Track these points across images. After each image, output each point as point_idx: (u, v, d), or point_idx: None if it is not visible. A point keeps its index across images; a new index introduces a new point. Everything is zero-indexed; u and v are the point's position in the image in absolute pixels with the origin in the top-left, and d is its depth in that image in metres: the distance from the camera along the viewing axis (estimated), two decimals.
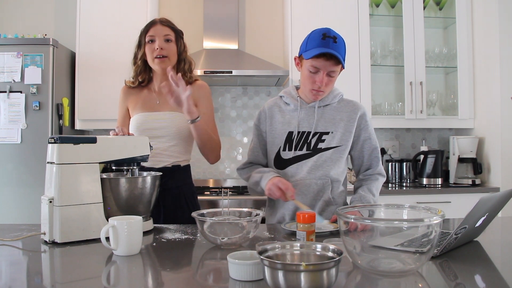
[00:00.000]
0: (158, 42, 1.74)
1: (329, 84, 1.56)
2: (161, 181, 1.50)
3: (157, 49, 1.73)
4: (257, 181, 1.62)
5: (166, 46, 1.75)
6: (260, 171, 1.65)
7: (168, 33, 1.77)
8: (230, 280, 0.93)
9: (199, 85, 1.83)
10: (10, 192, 2.69)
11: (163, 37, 1.75)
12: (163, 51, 1.74)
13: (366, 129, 1.66)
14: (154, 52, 1.74)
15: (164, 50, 1.74)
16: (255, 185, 1.64)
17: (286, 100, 1.69)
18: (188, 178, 1.87)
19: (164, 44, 1.75)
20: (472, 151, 3.08)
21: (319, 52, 1.48)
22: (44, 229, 1.29)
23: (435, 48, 3.30)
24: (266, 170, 1.64)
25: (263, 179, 1.58)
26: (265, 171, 1.62)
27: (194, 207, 1.81)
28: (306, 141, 1.63)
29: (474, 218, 1.13)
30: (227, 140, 3.44)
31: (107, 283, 0.98)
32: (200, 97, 1.81)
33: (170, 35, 1.77)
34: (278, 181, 1.51)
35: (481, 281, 0.98)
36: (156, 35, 1.75)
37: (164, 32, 1.76)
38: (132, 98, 1.85)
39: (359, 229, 1.04)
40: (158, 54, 1.74)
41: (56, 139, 1.30)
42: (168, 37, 1.76)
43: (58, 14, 3.40)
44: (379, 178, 1.67)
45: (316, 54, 1.48)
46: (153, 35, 1.75)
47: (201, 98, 1.81)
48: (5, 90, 2.68)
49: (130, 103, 1.85)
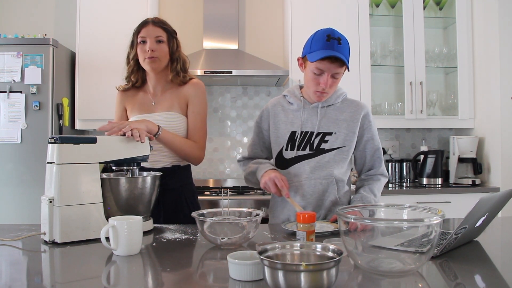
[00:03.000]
0: (149, 43, 1.73)
1: (333, 85, 1.56)
2: (161, 181, 1.50)
3: (148, 50, 1.73)
4: (253, 171, 1.62)
5: (157, 47, 1.74)
6: (257, 161, 1.66)
7: (159, 34, 1.76)
8: (230, 280, 0.93)
9: (193, 83, 1.82)
10: (10, 192, 2.69)
11: (155, 38, 1.74)
12: (154, 52, 1.73)
13: (369, 129, 1.66)
14: (145, 53, 1.74)
15: (155, 51, 1.73)
16: (251, 175, 1.65)
17: (290, 99, 1.69)
18: (189, 178, 1.86)
19: (155, 45, 1.74)
20: (472, 151, 3.08)
21: (324, 56, 1.47)
22: (44, 229, 1.29)
23: (435, 48, 3.30)
24: (263, 161, 1.64)
25: (259, 170, 1.58)
26: (261, 162, 1.63)
27: (194, 207, 1.81)
28: (309, 141, 1.62)
29: (474, 218, 1.13)
30: (227, 140, 3.44)
31: (107, 283, 0.98)
32: (193, 96, 1.79)
33: (162, 36, 1.76)
34: (275, 177, 1.50)
35: (481, 281, 0.98)
36: (148, 36, 1.74)
37: (156, 33, 1.75)
38: (129, 101, 1.85)
39: (359, 229, 1.04)
40: (149, 55, 1.73)
41: (56, 139, 1.30)
42: (159, 38, 1.75)
43: (58, 14, 3.40)
44: (381, 179, 1.67)
45: (321, 57, 1.48)
46: (144, 36, 1.75)
47: (193, 96, 1.79)
48: (5, 90, 2.68)
49: (127, 105, 1.86)
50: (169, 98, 1.79)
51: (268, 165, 1.58)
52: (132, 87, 1.85)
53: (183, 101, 1.79)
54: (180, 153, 1.74)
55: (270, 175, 1.51)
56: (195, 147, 1.76)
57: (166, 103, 1.79)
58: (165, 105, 1.79)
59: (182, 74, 1.80)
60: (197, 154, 1.77)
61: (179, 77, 1.78)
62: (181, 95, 1.79)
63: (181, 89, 1.80)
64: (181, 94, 1.79)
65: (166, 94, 1.81)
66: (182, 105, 1.79)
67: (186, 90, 1.80)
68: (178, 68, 1.80)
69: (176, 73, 1.79)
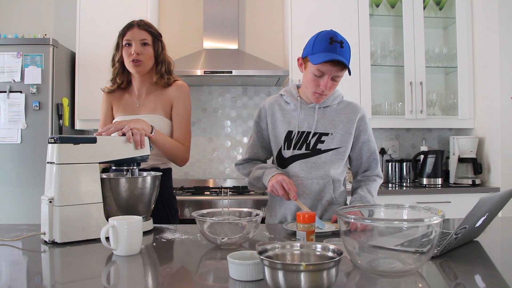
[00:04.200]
0: (134, 46, 1.74)
1: (332, 88, 1.57)
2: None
3: (133, 53, 1.73)
4: (259, 176, 1.62)
5: (142, 51, 1.74)
6: (262, 166, 1.66)
7: (144, 37, 1.75)
8: (230, 280, 0.93)
9: (177, 85, 1.82)
10: (10, 192, 2.69)
11: (140, 41, 1.74)
12: (139, 55, 1.73)
13: (365, 131, 1.67)
14: (130, 56, 1.74)
15: (140, 54, 1.74)
16: (256, 181, 1.65)
17: (286, 99, 1.70)
18: (168, 181, 1.85)
19: (140, 49, 1.74)
20: (472, 151, 3.08)
21: (327, 59, 1.48)
22: (44, 229, 1.29)
23: (435, 48, 3.30)
24: (268, 166, 1.64)
25: (265, 175, 1.59)
26: (266, 167, 1.63)
27: (171, 211, 1.82)
28: (305, 141, 1.63)
29: (474, 218, 1.13)
30: (227, 140, 3.44)
31: (107, 283, 0.98)
32: (177, 98, 1.79)
33: (147, 39, 1.76)
34: (282, 180, 1.51)
35: (481, 281, 0.98)
36: (133, 39, 1.74)
37: (141, 36, 1.75)
38: (114, 102, 1.86)
39: (359, 229, 1.04)
40: (133, 59, 1.73)
41: (56, 139, 1.30)
42: (144, 41, 1.75)
43: (58, 14, 3.40)
44: (377, 180, 1.69)
45: (324, 60, 1.48)
46: (129, 39, 1.74)
47: (177, 98, 1.79)
48: (5, 90, 2.68)
49: (113, 105, 1.86)
50: (153, 100, 1.80)
51: (275, 170, 1.59)
52: (118, 88, 1.85)
53: (167, 104, 1.79)
54: (170, 155, 1.74)
55: (277, 178, 1.52)
56: (182, 149, 1.77)
57: (150, 105, 1.79)
58: (149, 107, 1.79)
59: (167, 76, 1.80)
60: (184, 156, 1.78)
61: (164, 79, 1.79)
62: (165, 97, 1.79)
63: (165, 91, 1.80)
64: (165, 96, 1.79)
65: (151, 96, 1.81)
66: (166, 107, 1.79)
67: (170, 93, 1.80)
68: (162, 70, 1.80)
69: (160, 75, 1.79)
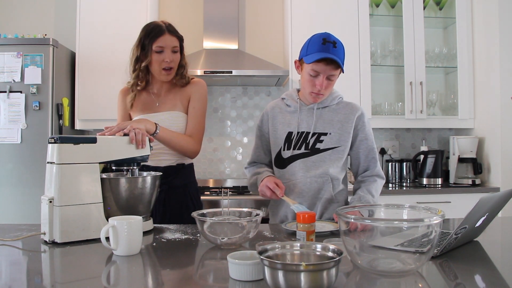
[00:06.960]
0: (167, 54, 1.73)
1: (328, 87, 1.61)
2: (166, 179, 1.51)
3: (167, 61, 1.73)
4: (254, 183, 1.68)
5: (173, 58, 1.76)
6: (256, 172, 1.70)
7: (175, 44, 1.76)
8: (230, 280, 0.93)
9: (194, 82, 1.86)
10: (10, 192, 2.68)
11: (172, 49, 1.75)
12: (170, 63, 1.75)
13: (363, 129, 1.68)
14: (162, 63, 1.74)
15: (171, 62, 1.75)
16: (253, 187, 1.71)
17: (287, 102, 1.74)
18: (193, 176, 1.90)
19: (172, 56, 1.75)
20: (472, 151, 3.08)
21: (319, 58, 1.52)
22: (44, 229, 1.29)
23: (435, 48, 3.30)
24: (260, 171, 1.68)
25: (258, 181, 1.64)
26: (259, 172, 1.68)
27: (198, 205, 1.86)
28: (305, 141, 1.66)
29: (474, 218, 1.13)
30: (227, 140, 3.44)
31: (107, 283, 0.98)
32: (194, 93, 1.83)
33: (177, 46, 1.77)
34: (267, 181, 1.56)
35: (481, 281, 0.98)
36: (165, 46, 1.73)
37: (173, 44, 1.75)
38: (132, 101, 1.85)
39: (359, 229, 1.04)
40: (166, 66, 1.74)
41: (56, 139, 1.30)
42: (175, 49, 1.76)
43: (58, 14, 3.40)
44: (378, 180, 1.69)
45: (317, 59, 1.52)
46: (162, 46, 1.73)
47: (194, 93, 1.83)
48: (5, 90, 2.68)
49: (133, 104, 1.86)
50: (173, 98, 1.82)
51: (265, 173, 1.63)
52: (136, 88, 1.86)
53: (186, 99, 1.82)
54: (179, 149, 1.75)
55: (263, 182, 1.57)
56: (190, 141, 1.77)
57: (169, 103, 1.82)
58: (169, 105, 1.82)
59: (186, 76, 1.84)
60: (194, 148, 1.78)
61: (184, 80, 1.83)
62: (184, 94, 1.83)
63: (184, 89, 1.84)
64: (184, 94, 1.83)
65: (170, 94, 1.84)
66: (184, 103, 1.82)
67: (188, 89, 1.83)
68: (183, 72, 1.83)
69: (181, 77, 1.82)
